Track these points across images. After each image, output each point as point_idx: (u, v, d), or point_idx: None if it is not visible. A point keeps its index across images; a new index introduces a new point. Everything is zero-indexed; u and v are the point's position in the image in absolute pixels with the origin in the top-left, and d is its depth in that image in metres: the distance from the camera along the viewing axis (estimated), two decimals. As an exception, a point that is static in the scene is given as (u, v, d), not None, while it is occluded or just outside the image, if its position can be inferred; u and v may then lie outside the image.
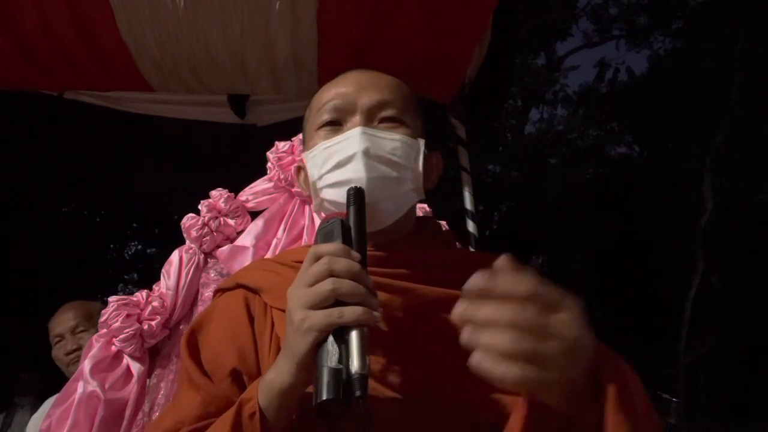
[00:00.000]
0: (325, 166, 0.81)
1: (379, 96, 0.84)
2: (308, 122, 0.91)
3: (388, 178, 0.79)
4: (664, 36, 9.84)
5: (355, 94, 0.84)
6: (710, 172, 7.79)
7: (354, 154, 0.78)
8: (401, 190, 0.82)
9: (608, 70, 9.71)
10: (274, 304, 0.81)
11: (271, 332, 0.79)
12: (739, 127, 7.78)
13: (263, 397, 0.67)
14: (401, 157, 0.81)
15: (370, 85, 0.85)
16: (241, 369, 0.77)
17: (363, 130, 0.80)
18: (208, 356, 0.80)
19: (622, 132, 10.40)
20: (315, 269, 0.65)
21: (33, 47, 2.20)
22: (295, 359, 0.64)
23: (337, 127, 0.84)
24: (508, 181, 9.85)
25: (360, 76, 0.88)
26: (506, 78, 2.71)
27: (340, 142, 0.81)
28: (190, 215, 1.46)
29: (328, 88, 0.88)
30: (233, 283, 0.89)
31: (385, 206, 0.80)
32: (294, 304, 0.65)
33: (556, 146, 10.15)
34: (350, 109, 0.83)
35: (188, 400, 0.77)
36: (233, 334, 0.81)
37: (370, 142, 0.79)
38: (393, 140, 0.81)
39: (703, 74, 8.37)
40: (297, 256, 0.89)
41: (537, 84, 9.47)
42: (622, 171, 9.91)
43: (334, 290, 0.63)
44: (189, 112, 2.54)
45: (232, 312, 0.84)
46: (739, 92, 7.71)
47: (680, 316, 7.71)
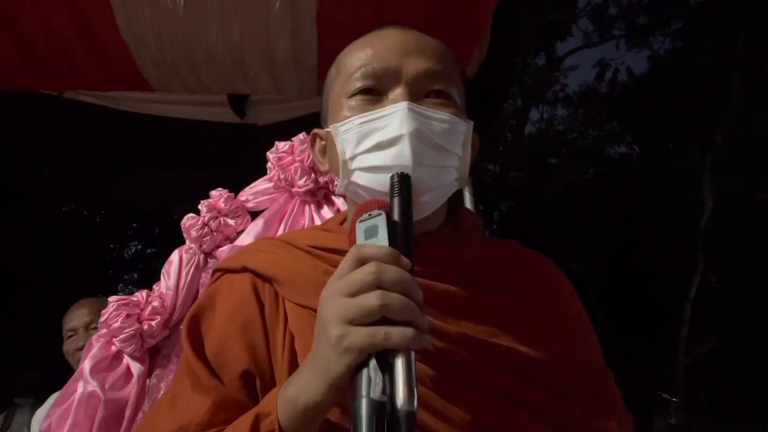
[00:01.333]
0: (362, 146, 0.69)
1: (428, 64, 0.72)
2: (334, 85, 0.77)
3: (436, 167, 0.69)
4: (664, 36, 9.85)
5: (399, 58, 0.71)
6: (710, 172, 7.79)
7: (400, 136, 0.66)
8: (447, 180, 0.71)
9: (608, 70, 9.70)
10: (289, 296, 0.71)
11: (284, 328, 0.70)
12: (739, 127, 7.78)
13: (284, 415, 0.58)
14: (450, 142, 0.70)
15: (416, 49, 0.73)
16: (253, 370, 0.68)
17: (410, 106, 0.68)
18: (214, 349, 0.71)
19: (622, 132, 10.40)
20: (359, 276, 0.54)
21: (33, 47, 2.19)
22: (328, 380, 0.54)
23: (375, 98, 0.71)
24: (508, 181, 9.85)
25: (403, 36, 0.74)
26: (506, 78, 2.71)
27: (382, 117, 0.69)
28: (190, 215, 1.46)
29: (361, 47, 0.75)
30: (239, 265, 0.76)
31: (428, 197, 0.69)
32: (331, 315, 0.54)
33: (556, 146, 10.16)
34: (393, 76, 0.71)
35: (193, 403, 0.68)
36: (241, 325, 0.71)
37: (418, 122, 0.67)
38: (443, 122, 0.69)
39: (703, 74, 8.37)
40: (312, 239, 0.78)
41: (537, 84, 9.47)
42: (622, 171, 9.91)
43: (383, 306, 0.52)
44: (189, 112, 2.54)
45: (238, 298, 0.73)
46: (739, 92, 7.71)
47: (680, 316, 7.71)
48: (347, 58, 0.76)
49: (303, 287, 0.71)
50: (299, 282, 0.71)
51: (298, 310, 0.70)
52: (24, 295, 6.92)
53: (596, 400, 0.71)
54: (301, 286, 0.71)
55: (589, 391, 0.71)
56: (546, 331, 0.71)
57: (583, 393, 0.70)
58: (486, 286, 0.72)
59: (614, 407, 0.74)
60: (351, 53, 0.76)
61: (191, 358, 0.71)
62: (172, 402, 0.71)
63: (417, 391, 0.50)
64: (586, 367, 0.74)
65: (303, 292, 0.70)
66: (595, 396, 0.72)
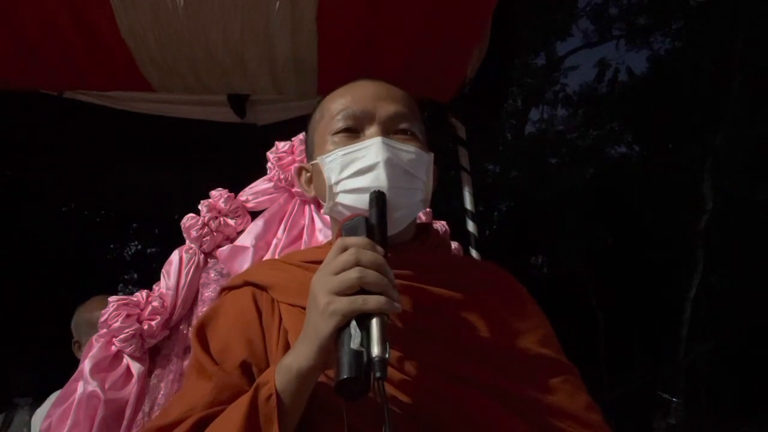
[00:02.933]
0: (345, 172, 0.85)
1: (396, 108, 0.89)
2: (319, 126, 0.94)
3: (405, 189, 0.84)
4: (664, 36, 9.83)
5: (373, 103, 0.88)
6: (710, 172, 7.79)
7: (377, 163, 0.82)
8: (414, 200, 0.87)
9: (608, 70, 9.70)
10: (282, 299, 0.84)
11: (279, 326, 0.82)
12: (739, 127, 7.78)
13: (280, 381, 0.68)
14: (416, 169, 0.86)
15: (387, 96, 0.90)
16: (251, 361, 0.79)
17: (384, 140, 0.84)
18: (218, 347, 0.82)
19: (622, 132, 10.39)
20: (342, 258, 0.67)
21: (33, 47, 2.19)
22: (317, 341, 0.66)
23: (354, 134, 0.87)
24: (508, 181, 9.84)
25: (375, 86, 0.92)
26: (506, 78, 2.72)
27: (361, 149, 0.84)
28: (190, 215, 1.46)
29: (342, 95, 0.92)
30: (241, 281, 0.92)
31: (399, 214, 0.84)
32: (319, 289, 0.67)
33: (556, 146, 10.15)
34: (368, 118, 0.87)
35: (199, 387, 0.78)
36: (242, 327, 0.83)
37: (391, 153, 0.83)
38: (409, 152, 0.86)
39: (703, 74, 8.37)
40: (304, 256, 0.93)
41: (537, 84, 9.46)
42: (622, 171, 9.91)
43: (360, 278, 0.65)
44: (189, 112, 2.54)
45: (240, 306, 0.86)
46: (739, 92, 7.71)
47: (680, 316, 7.71)
48: (330, 104, 0.93)
49: (293, 290, 0.84)
50: (290, 286, 0.85)
51: (291, 309, 0.82)
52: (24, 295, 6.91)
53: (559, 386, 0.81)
54: (292, 290, 0.84)
55: (551, 378, 0.81)
56: (503, 325, 0.84)
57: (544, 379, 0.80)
58: (450, 285, 0.85)
59: (579, 394, 0.82)
60: (333, 100, 0.93)
61: (198, 352, 0.83)
62: (182, 394, 0.83)
63: (389, 344, 0.62)
64: (544, 357, 0.83)
65: (293, 294, 0.84)
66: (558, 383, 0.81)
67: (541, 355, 0.83)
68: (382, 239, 0.73)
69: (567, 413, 0.78)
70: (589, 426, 0.79)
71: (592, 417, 0.80)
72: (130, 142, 2.66)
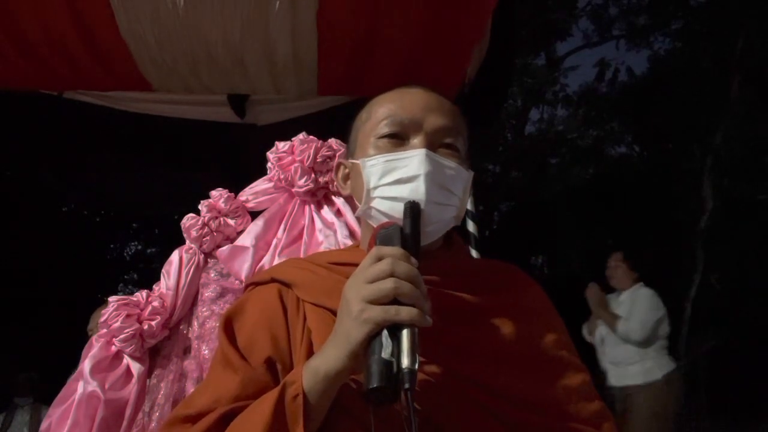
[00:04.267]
0: (385, 178, 0.84)
1: (445, 121, 0.87)
2: (364, 126, 0.93)
3: (441, 204, 0.84)
4: (664, 36, 9.83)
5: (422, 113, 0.87)
6: (710, 172, 7.79)
7: (418, 175, 0.82)
8: (447, 217, 0.87)
9: (608, 70, 9.69)
10: (307, 298, 0.85)
11: (303, 325, 0.83)
12: (739, 127, 7.78)
13: (308, 381, 0.69)
14: (454, 186, 0.86)
15: (436, 107, 0.88)
16: (275, 357, 0.80)
17: (428, 153, 0.83)
18: (244, 342, 0.83)
19: (622, 132, 10.39)
20: (378, 267, 0.68)
21: (33, 47, 2.19)
22: (348, 347, 0.67)
23: (399, 141, 0.86)
24: (508, 181, 9.84)
25: (425, 96, 0.90)
26: (506, 78, 2.72)
27: (404, 158, 0.84)
28: (190, 215, 1.46)
29: (391, 100, 0.91)
30: (267, 278, 0.92)
31: (432, 228, 0.84)
32: (353, 296, 0.68)
33: (556, 146, 10.15)
34: (415, 127, 0.86)
35: (226, 380, 0.79)
36: (268, 323, 0.84)
37: (433, 166, 0.83)
38: (451, 169, 0.85)
39: (703, 74, 8.36)
40: (331, 257, 0.94)
41: (537, 84, 9.46)
42: (622, 171, 9.91)
43: (395, 289, 0.66)
44: (189, 112, 2.54)
45: (266, 302, 0.87)
46: (739, 92, 7.71)
47: (680, 316, 7.71)
48: (378, 107, 0.92)
49: (318, 290, 0.85)
50: (315, 286, 0.85)
51: (315, 309, 0.83)
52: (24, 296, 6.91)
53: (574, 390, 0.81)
54: (316, 289, 0.85)
55: (567, 381, 0.81)
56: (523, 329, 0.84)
57: (561, 383, 0.81)
58: (473, 291, 0.86)
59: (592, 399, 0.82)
60: (382, 103, 0.92)
61: (225, 345, 0.84)
62: (207, 385, 0.83)
63: (418, 355, 0.63)
64: (560, 359, 0.84)
65: (317, 294, 0.84)
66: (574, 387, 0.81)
67: (557, 357, 0.84)
68: (415, 250, 0.73)
69: (581, 418, 0.78)
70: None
71: (605, 426, 0.81)
72: (130, 142, 2.66)
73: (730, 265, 8.02)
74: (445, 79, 2.42)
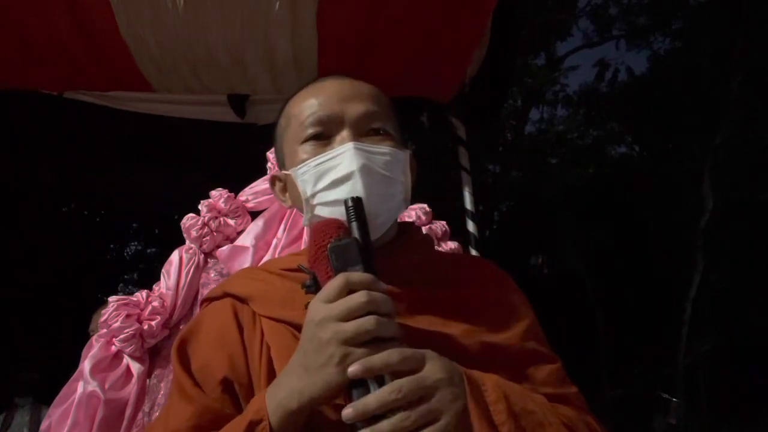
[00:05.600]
0: (319, 184, 0.80)
1: (365, 107, 0.83)
2: (286, 134, 0.89)
3: (384, 194, 0.80)
4: (664, 36, 9.83)
5: (340, 105, 0.82)
6: (710, 172, 7.79)
7: (351, 172, 0.78)
8: (394, 203, 0.83)
9: (608, 70, 9.70)
10: (263, 312, 0.81)
11: (261, 341, 0.79)
12: (739, 127, 7.78)
13: (276, 418, 0.66)
14: (392, 171, 0.81)
15: (353, 95, 0.84)
16: (232, 377, 0.76)
17: (356, 145, 0.79)
18: (198, 365, 0.80)
19: (622, 132, 10.39)
20: (353, 303, 0.63)
21: (33, 47, 2.20)
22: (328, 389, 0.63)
23: (324, 141, 0.82)
24: (508, 181, 9.84)
25: (339, 85, 0.85)
26: (506, 78, 2.72)
27: (333, 158, 0.79)
28: (190, 215, 1.46)
29: (306, 98, 0.86)
30: (221, 292, 0.87)
31: (380, 221, 0.80)
32: (329, 337, 0.63)
33: (556, 146, 10.14)
34: (337, 121, 0.81)
35: (180, 411, 0.76)
36: (223, 342, 0.80)
37: (364, 158, 0.79)
38: (384, 154, 0.81)
39: (703, 74, 8.37)
40: (284, 264, 0.89)
41: (537, 84, 9.46)
42: (622, 171, 9.91)
43: (378, 330, 0.62)
44: (189, 112, 2.54)
45: (220, 321, 0.83)
46: (739, 92, 7.71)
47: (680, 316, 7.71)
48: (295, 109, 0.87)
49: (273, 302, 0.81)
50: (269, 298, 0.81)
51: (272, 324, 0.79)
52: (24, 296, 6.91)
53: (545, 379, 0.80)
54: (271, 301, 0.81)
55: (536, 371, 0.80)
56: (486, 321, 0.81)
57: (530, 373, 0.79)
58: (435, 284, 0.83)
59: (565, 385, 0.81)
60: (297, 104, 0.87)
61: (179, 373, 0.80)
62: (165, 415, 0.80)
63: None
64: (527, 350, 0.82)
65: (273, 306, 0.80)
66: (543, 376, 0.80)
67: (524, 349, 0.81)
68: (370, 259, 0.68)
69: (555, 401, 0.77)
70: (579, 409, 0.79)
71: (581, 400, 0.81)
72: (130, 142, 2.66)
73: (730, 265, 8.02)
74: (445, 79, 2.42)
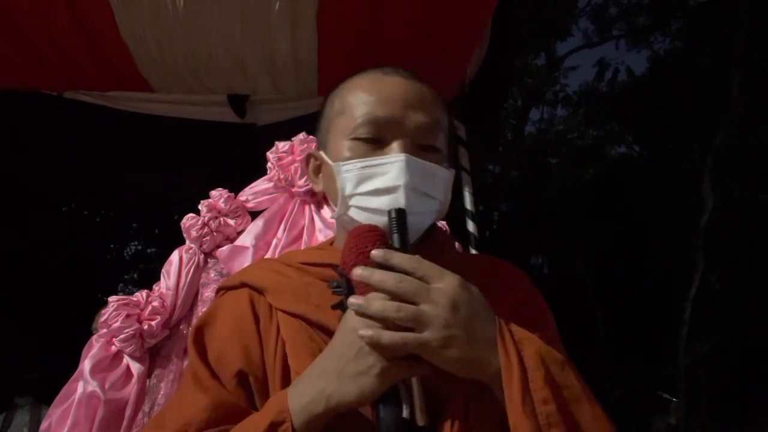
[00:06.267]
0: (361, 187, 0.78)
1: (425, 118, 0.80)
2: (337, 121, 0.84)
3: (423, 213, 0.80)
4: (664, 36, 9.83)
5: (402, 111, 0.79)
6: (710, 172, 7.79)
7: (397, 186, 0.76)
8: (427, 222, 0.83)
9: (608, 70, 9.69)
10: (280, 305, 0.80)
11: (277, 335, 0.78)
12: (739, 127, 7.78)
13: (300, 421, 0.65)
14: (435, 190, 0.81)
15: (416, 101, 0.81)
16: (247, 370, 0.76)
17: (408, 160, 0.77)
18: (214, 355, 0.79)
19: (622, 132, 10.39)
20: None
21: (33, 47, 2.20)
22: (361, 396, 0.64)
23: (375, 144, 0.79)
24: (508, 181, 9.85)
25: (405, 87, 0.82)
26: (506, 78, 2.72)
27: (382, 165, 0.77)
28: (190, 215, 1.46)
29: (367, 90, 0.82)
30: (238, 282, 0.87)
31: (412, 234, 0.78)
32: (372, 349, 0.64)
33: (556, 146, 10.14)
34: (394, 127, 0.79)
35: (196, 400, 0.75)
36: (239, 333, 0.80)
37: (413, 174, 0.77)
38: (432, 174, 0.80)
39: (703, 74, 8.37)
40: (304, 257, 0.88)
41: (537, 84, 9.46)
42: (622, 171, 9.91)
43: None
44: (189, 112, 2.54)
45: (237, 311, 0.82)
46: (739, 92, 7.71)
47: (680, 316, 7.71)
48: (352, 98, 0.82)
49: (289, 295, 0.80)
50: (286, 291, 0.81)
51: (288, 318, 0.79)
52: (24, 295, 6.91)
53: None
54: (285, 294, 0.81)
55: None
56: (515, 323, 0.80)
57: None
58: None
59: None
60: (356, 94, 0.82)
61: (195, 361, 0.79)
62: (179, 402, 0.79)
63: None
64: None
65: (286, 299, 0.80)
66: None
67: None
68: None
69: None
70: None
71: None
72: (130, 142, 2.66)
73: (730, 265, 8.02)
74: (445, 79, 2.42)
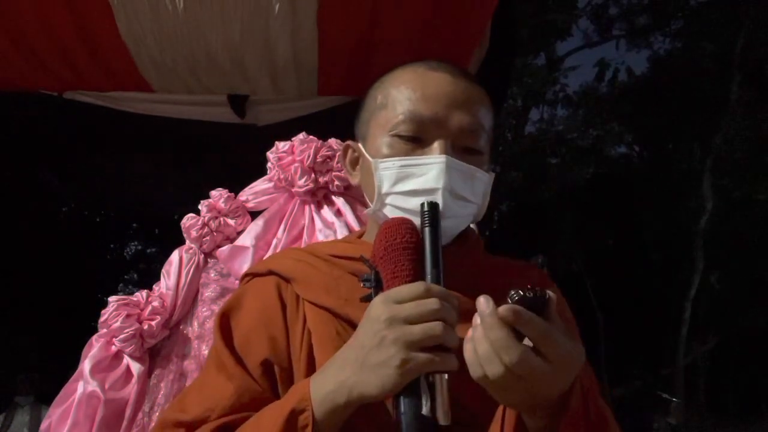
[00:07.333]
0: (398, 186, 0.77)
1: (470, 120, 0.78)
2: (379, 114, 0.82)
3: (458, 217, 0.79)
4: (664, 36, 9.85)
5: (446, 110, 0.77)
6: (710, 172, 7.80)
7: (436, 189, 0.75)
8: (462, 225, 0.83)
9: (608, 70, 9.69)
10: (307, 296, 0.79)
11: (303, 325, 0.78)
12: (739, 127, 7.79)
13: (321, 410, 0.64)
14: (474, 195, 0.80)
15: (463, 101, 0.79)
16: (273, 360, 0.76)
17: (448, 163, 0.75)
18: (240, 341, 0.79)
19: (622, 132, 10.40)
20: (425, 308, 0.61)
21: (33, 47, 2.20)
22: (382, 389, 0.61)
23: (416, 142, 0.78)
24: (508, 181, 9.85)
25: (451, 84, 0.80)
26: (506, 78, 2.72)
27: (422, 165, 0.76)
28: (190, 215, 1.46)
29: (412, 85, 0.80)
30: (265, 269, 0.86)
31: (446, 236, 0.78)
32: (396, 338, 0.61)
33: (556, 146, 10.15)
34: (437, 126, 0.77)
35: (220, 386, 0.75)
36: (265, 322, 0.79)
37: (452, 177, 0.76)
38: (473, 178, 0.79)
39: (703, 74, 8.37)
40: (333, 249, 0.87)
41: (537, 84, 9.46)
42: (622, 171, 9.92)
43: (444, 338, 0.60)
44: (189, 112, 2.54)
45: (264, 299, 0.82)
46: (739, 92, 7.71)
47: (680, 316, 7.71)
48: (396, 92, 0.81)
49: (317, 287, 0.79)
50: (313, 282, 0.80)
51: (315, 309, 0.78)
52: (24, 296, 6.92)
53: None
54: (316, 286, 0.80)
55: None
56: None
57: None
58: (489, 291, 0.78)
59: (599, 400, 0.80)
60: (400, 88, 0.80)
61: (220, 347, 0.79)
62: (201, 387, 0.79)
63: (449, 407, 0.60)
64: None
65: (317, 291, 0.79)
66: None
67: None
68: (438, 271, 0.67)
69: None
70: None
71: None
72: (130, 142, 2.66)
73: (730, 265, 8.03)
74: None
